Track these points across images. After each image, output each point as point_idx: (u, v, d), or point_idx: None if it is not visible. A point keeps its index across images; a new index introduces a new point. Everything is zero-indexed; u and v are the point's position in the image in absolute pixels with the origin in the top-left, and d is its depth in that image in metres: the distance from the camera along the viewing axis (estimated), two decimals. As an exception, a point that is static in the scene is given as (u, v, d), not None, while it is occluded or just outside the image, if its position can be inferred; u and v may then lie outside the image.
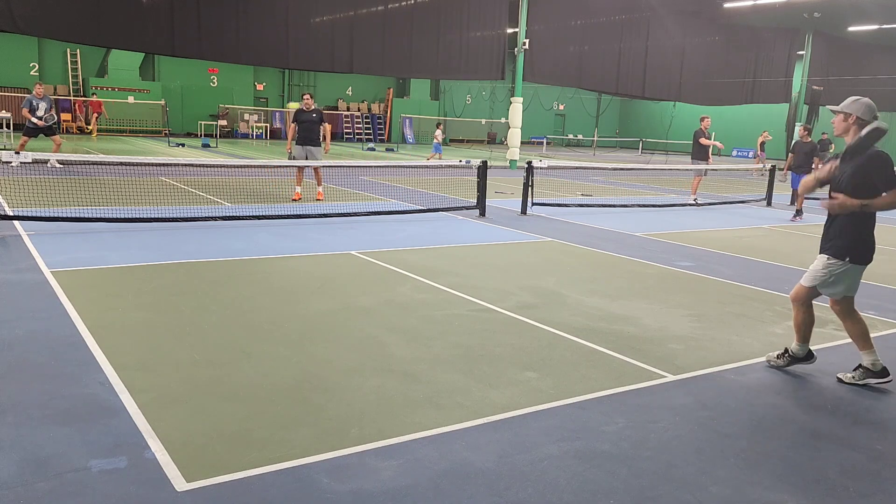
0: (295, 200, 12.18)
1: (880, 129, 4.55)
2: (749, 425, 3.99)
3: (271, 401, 3.99)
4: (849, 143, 4.66)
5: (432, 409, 4.00)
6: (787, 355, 4.97)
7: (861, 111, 4.62)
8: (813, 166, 13.64)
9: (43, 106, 15.09)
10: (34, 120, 14.95)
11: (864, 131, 4.60)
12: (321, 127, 12.50)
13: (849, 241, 4.61)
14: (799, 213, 13.62)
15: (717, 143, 15.76)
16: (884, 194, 4.48)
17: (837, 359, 5.27)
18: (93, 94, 30.36)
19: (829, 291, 4.73)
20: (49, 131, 15.35)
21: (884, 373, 4.68)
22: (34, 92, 15.47)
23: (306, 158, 12.33)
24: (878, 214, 4.70)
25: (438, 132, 24.13)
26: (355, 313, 5.77)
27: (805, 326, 4.90)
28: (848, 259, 4.60)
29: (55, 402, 3.80)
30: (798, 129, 15.59)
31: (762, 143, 27.73)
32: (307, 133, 12.34)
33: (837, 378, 4.79)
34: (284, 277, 6.98)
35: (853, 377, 4.73)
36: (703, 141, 15.51)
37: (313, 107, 12.51)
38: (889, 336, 5.95)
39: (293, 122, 12.45)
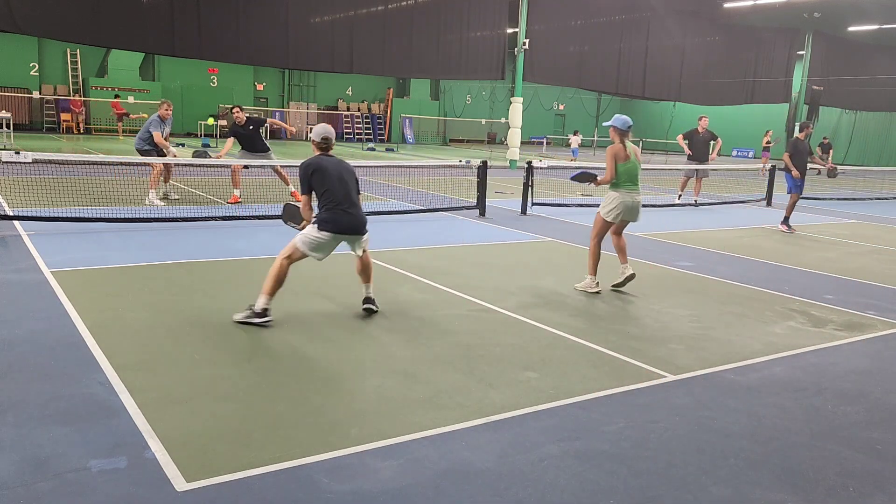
0: (232, 203, 11.59)
1: None
2: (749, 425, 3.99)
3: (271, 401, 3.99)
4: None
5: (432, 409, 4.00)
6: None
7: None
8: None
9: (166, 131, 11.71)
10: (171, 149, 11.81)
11: None
12: (261, 133, 12.05)
13: None
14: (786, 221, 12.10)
15: (685, 149, 15.50)
16: None
17: (837, 359, 5.27)
18: (116, 96, 30.30)
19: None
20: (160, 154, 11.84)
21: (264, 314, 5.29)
22: (160, 112, 11.57)
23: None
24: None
25: (576, 138, 28.17)
26: (355, 313, 5.77)
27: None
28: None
29: (55, 402, 3.80)
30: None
31: (767, 145, 26.71)
32: (250, 145, 11.92)
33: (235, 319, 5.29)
34: (284, 277, 6.97)
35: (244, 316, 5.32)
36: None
37: (245, 119, 11.83)
38: (889, 336, 5.95)
39: (231, 135, 11.93)
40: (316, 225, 5.46)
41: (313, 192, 5.55)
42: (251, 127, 11.93)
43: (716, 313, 6.39)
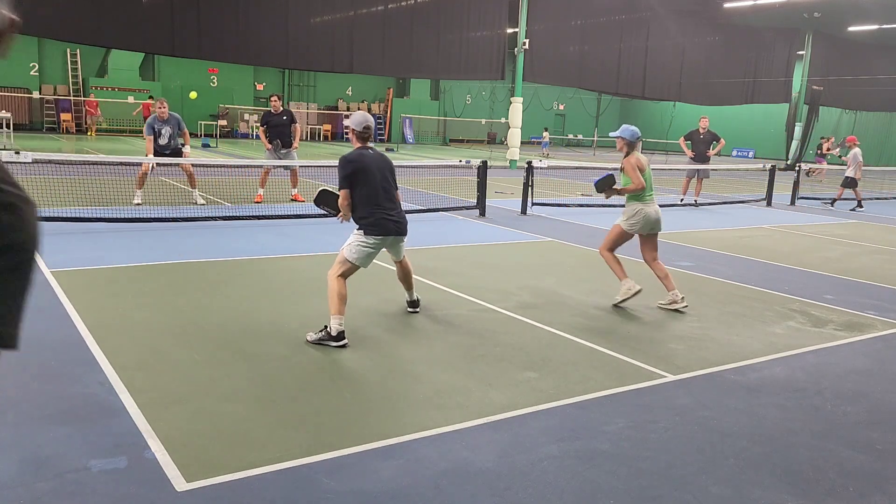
0: (257, 203, 11.76)
1: None
2: (749, 425, 3.99)
3: (271, 401, 3.99)
4: None
5: (432, 409, 4.00)
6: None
7: None
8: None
9: (167, 132, 11.16)
10: (149, 159, 11.13)
11: None
12: (292, 128, 12.15)
13: None
14: None
15: (687, 152, 15.51)
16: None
17: (837, 359, 5.27)
18: (150, 97, 30.29)
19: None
20: (176, 153, 11.45)
21: (340, 337, 4.93)
22: (157, 111, 11.17)
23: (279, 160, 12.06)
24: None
25: (546, 133, 32.66)
26: (355, 313, 5.76)
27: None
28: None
29: (55, 402, 3.80)
30: None
31: (828, 152, 26.45)
32: (279, 136, 11.99)
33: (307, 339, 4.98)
34: (284, 277, 6.98)
35: (317, 337, 4.97)
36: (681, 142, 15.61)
37: (281, 108, 12.12)
38: (889, 336, 5.95)
39: (262, 125, 12.09)
40: (362, 231, 5.25)
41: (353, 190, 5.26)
42: (285, 118, 12.05)
43: (716, 313, 6.39)
